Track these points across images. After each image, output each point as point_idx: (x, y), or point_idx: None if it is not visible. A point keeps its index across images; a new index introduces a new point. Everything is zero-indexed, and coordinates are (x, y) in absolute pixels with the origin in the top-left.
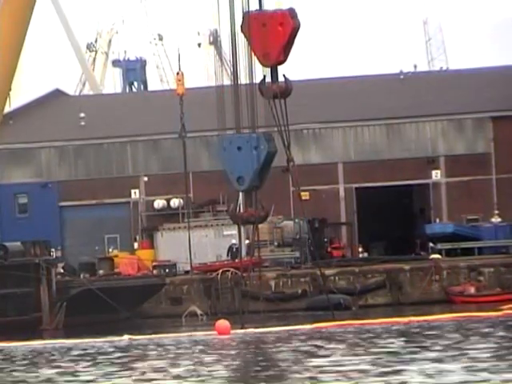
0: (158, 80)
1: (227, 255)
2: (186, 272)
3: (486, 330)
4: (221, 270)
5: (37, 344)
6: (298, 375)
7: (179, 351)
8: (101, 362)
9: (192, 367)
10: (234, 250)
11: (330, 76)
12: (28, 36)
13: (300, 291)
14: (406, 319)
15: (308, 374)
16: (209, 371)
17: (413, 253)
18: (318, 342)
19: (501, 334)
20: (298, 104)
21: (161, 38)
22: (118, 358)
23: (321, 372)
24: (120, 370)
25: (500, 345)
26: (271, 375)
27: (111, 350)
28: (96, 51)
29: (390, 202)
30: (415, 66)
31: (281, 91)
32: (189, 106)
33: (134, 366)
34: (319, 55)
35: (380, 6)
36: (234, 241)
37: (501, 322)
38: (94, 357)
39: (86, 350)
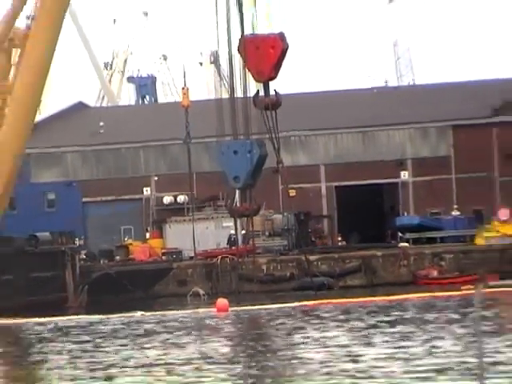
0: (162, 94)
1: (227, 244)
2: (191, 258)
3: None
4: (220, 256)
5: (63, 319)
6: (284, 347)
7: (185, 325)
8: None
9: (196, 340)
10: (233, 239)
11: (313, 90)
12: (55, 58)
13: (288, 274)
14: (378, 298)
15: (294, 347)
16: (210, 343)
17: (384, 241)
18: (304, 318)
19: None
20: (287, 114)
21: (165, 58)
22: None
23: (304, 344)
24: (134, 343)
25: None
26: (263, 347)
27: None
28: (113, 69)
29: (365, 198)
30: (386, 82)
31: (272, 103)
32: (192, 116)
33: (146, 339)
34: (305, 72)
35: (357, 29)
36: (232, 231)
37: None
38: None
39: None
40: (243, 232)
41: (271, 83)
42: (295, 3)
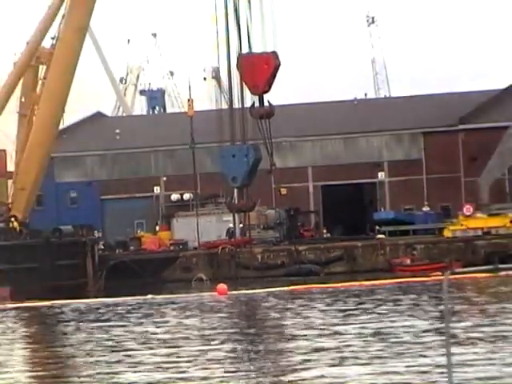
0: (170, 105)
1: (225, 235)
2: (195, 248)
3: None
4: (221, 247)
5: (84, 302)
6: (277, 326)
7: (190, 307)
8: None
9: (200, 318)
10: (231, 231)
11: (302, 101)
12: (77, 74)
13: (280, 262)
14: (358, 283)
15: (285, 327)
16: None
17: (364, 233)
18: (294, 301)
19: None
20: (279, 122)
21: (172, 74)
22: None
23: (292, 324)
24: (146, 322)
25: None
26: (259, 326)
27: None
28: (127, 83)
29: (347, 195)
30: (365, 94)
31: (266, 113)
32: (196, 124)
33: (156, 319)
34: (295, 86)
35: (340, 49)
36: (231, 225)
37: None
38: (128, 311)
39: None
40: (241, 225)
41: (265, 95)
42: (287, 24)
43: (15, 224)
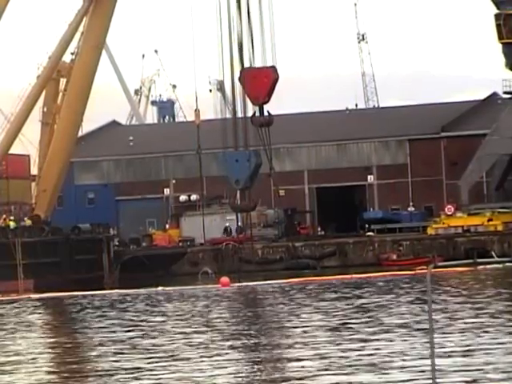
0: (178, 115)
1: (223, 233)
2: (201, 244)
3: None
4: (224, 243)
5: (100, 293)
6: (276, 313)
7: (196, 297)
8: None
9: (204, 308)
10: (229, 229)
11: (299, 111)
12: (95, 87)
13: (278, 257)
14: (349, 276)
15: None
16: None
17: (354, 231)
18: (293, 292)
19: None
20: (277, 130)
21: (174, 87)
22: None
23: (291, 313)
24: (156, 310)
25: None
26: (259, 315)
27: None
28: (140, 95)
29: (340, 196)
30: (356, 105)
31: (266, 122)
32: (203, 132)
33: (166, 308)
34: (292, 97)
35: (334, 64)
36: (227, 223)
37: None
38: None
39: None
40: (239, 224)
41: (265, 106)
42: (286, 41)
43: (28, 222)
